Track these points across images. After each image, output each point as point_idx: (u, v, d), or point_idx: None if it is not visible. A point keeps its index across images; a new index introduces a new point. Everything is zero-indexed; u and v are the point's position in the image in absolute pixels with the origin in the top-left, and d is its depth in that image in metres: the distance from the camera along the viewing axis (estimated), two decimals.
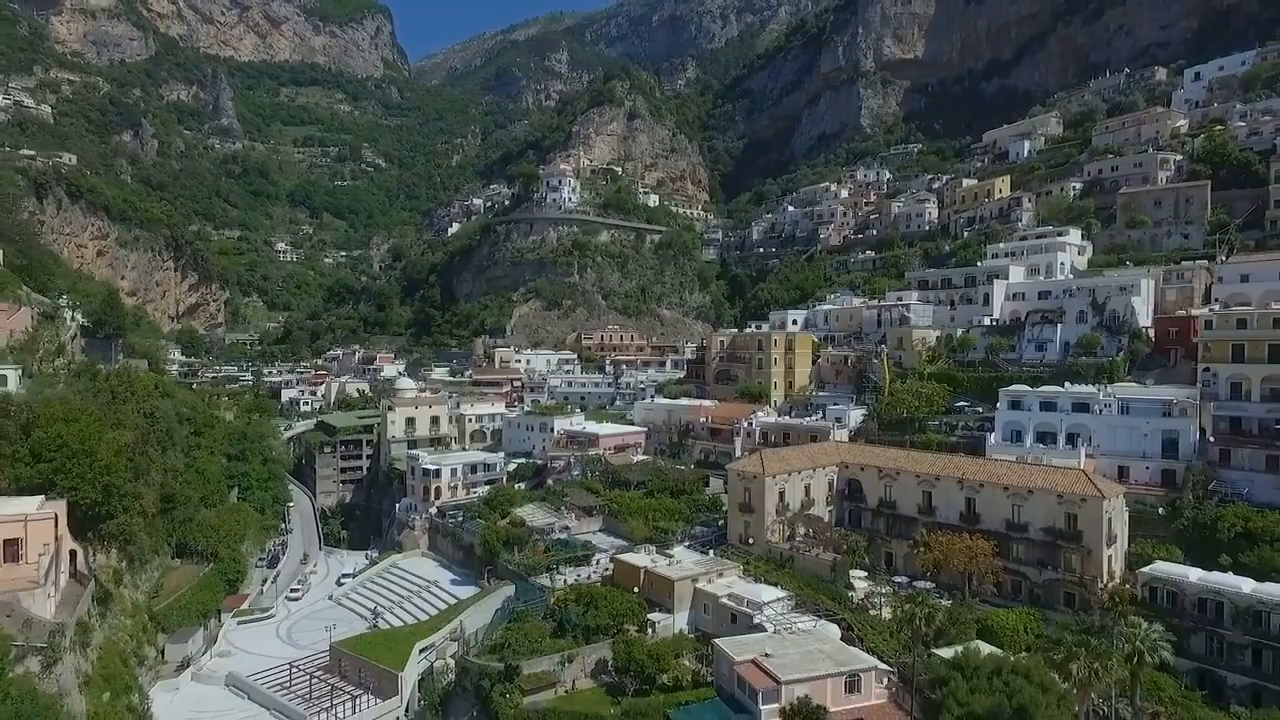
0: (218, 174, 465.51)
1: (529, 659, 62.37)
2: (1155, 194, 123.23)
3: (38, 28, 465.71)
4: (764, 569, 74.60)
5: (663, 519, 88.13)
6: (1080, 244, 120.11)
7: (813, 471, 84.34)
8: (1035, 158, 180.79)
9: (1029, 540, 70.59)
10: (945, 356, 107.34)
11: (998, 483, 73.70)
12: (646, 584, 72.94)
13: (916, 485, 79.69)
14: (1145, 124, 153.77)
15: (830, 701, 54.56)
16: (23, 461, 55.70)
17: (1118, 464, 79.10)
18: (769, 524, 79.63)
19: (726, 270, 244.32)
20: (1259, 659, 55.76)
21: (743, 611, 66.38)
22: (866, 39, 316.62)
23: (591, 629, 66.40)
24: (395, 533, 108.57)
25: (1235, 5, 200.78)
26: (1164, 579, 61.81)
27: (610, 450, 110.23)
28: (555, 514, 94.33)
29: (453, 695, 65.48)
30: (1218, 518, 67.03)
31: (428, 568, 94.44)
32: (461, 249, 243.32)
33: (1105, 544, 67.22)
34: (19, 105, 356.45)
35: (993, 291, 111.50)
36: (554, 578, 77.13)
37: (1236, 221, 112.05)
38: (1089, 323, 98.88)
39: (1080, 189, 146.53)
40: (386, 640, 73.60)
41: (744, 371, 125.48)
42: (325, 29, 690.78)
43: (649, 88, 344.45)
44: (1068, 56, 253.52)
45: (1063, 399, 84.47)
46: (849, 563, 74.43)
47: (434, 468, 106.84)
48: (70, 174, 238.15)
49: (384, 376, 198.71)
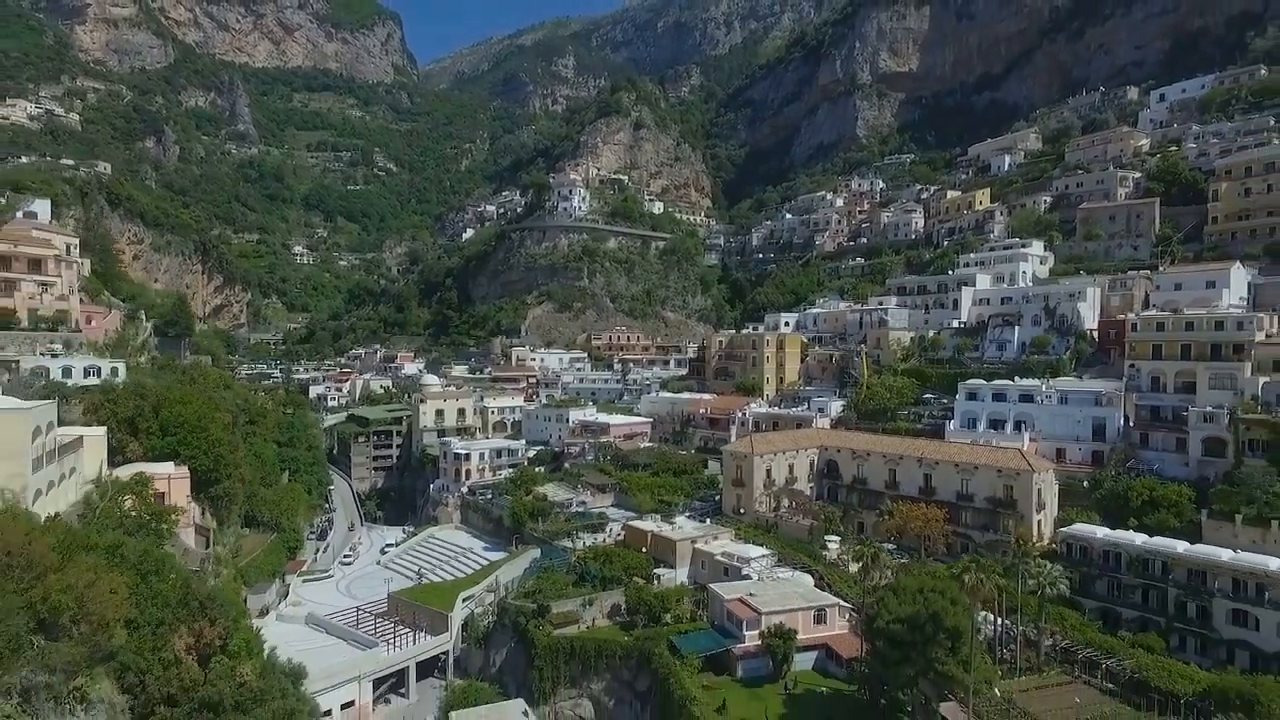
0: (236, 178, 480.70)
1: (557, 601, 76.01)
2: (1110, 209, 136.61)
3: (62, 37, 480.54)
4: (752, 533, 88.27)
5: (666, 494, 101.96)
6: (1043, 254, 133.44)
7: (796, 453, 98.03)
8: (1015, 171, 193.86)
9: (974, 508, 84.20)
10: (918, 355, 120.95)
11: (950, 461, 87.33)
12: (653, 545, 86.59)
13: (884, 464, 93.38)
14: (1111, 142, 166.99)
15: (801, 630, 68.25)
16: (155, 435, 69.48)
17: (1056, 446, 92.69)
18: (757, 496, 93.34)
19: (727, 274, 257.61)
20: (1146, 596, 69.24)
21: (733, 565, 79.91)
22: (863, 52, 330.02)
23: (607, 579, 79.85)
24: (430, 509, 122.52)
25: (1204, 28, 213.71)
26: (1077, 536, 75.31)
27: (620, 438, 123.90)
28: (573, 491, 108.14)
29: (493, 631, 79.18)
30: (1129, 488, 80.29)
31: (461, 538, 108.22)
32: (477, 254, 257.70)
33: (1035, 510, 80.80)
34: (50, 114, 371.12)
35: (961, 297, 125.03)
36: (574, 541, 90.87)
37: (1179, 235, 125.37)
38: (1042, 325, 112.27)
39: (1050, 202, 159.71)
40: (434, 591, 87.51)
41: (740, 368, 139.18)
42: (337, 35, 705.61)
43: (654, 98, 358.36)
44: (1053, 72, 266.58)
45: (1011, 391, 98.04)
46: (824, 528, 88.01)
47: (464, 452, 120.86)
48: (110, 182, 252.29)
49: (405, 374, 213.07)
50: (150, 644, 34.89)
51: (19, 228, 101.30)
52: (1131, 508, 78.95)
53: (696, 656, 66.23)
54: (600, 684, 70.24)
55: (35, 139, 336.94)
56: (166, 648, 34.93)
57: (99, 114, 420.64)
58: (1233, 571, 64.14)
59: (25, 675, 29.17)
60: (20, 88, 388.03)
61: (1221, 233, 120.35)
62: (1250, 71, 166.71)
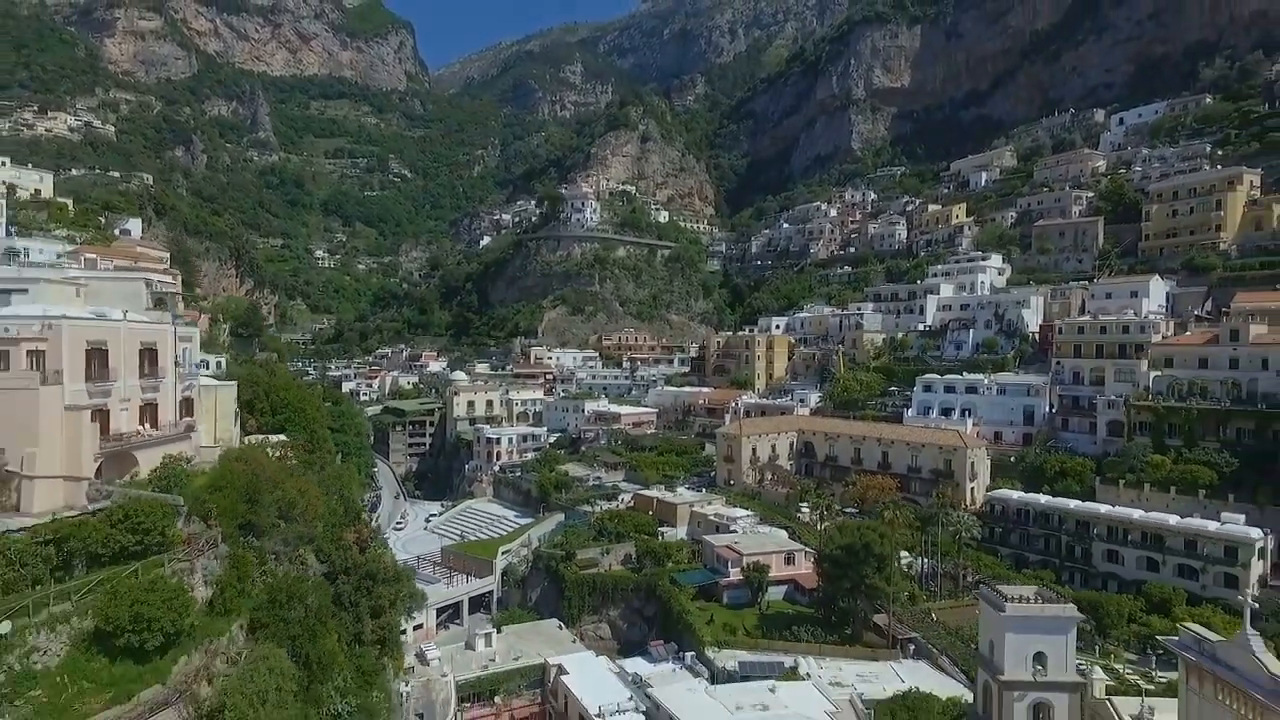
0: (259, 185, 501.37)
1: (580, 550, 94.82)
2: (1060, 226, 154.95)
3: (93, 49, 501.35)
4: (739, 500, 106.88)
5: (669, 470, 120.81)
6: (1000, 266, 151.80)
7: (778, 435, 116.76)
8: (990, 187, 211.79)
9: (921, 478, 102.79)
10: (888, 354, 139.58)
11: (903, 440, 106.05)
12: (658, 509, 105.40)
13: (850, 444, 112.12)
14: (1073, 163, 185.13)
15: (774, 569, 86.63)
16: (267, 414, 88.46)
17: (994, 430, 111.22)
18: (744, 470, 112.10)
19: (728, 280, 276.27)
20: (1047, 543, 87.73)
21: (723, 523, 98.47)
22: (858, 69, 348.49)
23: (620, 535, 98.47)
24: (466, 485, 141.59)
25: (1166, 54, 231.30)
26: (998, 498, 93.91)
27: (629, 425, 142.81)
28: (590, 469, 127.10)
29: (529, 575, 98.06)
30: (1045, 462, 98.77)
31: (495, 508, 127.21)
32: (496, 261, 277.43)
33: (969, 479, 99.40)
34: (89, 126, 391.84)
35: (927, 303, 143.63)
36: (593, 507, 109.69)
37: (1117, 250, 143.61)
38: (993, 329, 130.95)
39: (1015, 217, 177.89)
40: (477, 546, 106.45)
41: (735, 365, 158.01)
42: (352, 44, 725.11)
43: (660, 112, 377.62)
44: (1033, 90, 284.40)
45: (959, 384, 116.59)
46: (799, 496, 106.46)
47: (495, 437, 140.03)
48: (157, 194, 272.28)
49: (430, 371, 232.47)
50: (333, 535, 53.43)
51: (127, 245, 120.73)
52: (1046, 477, 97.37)
53: (691, 587, 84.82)
54: (616, 611, 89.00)
55: (78, 150, 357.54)
56: (342, 538, 53.49)
57: (131, 124, 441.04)
58: (1108, 521, 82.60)
59: (275, 542, 48.09)
60: (59, 100, 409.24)
61: (1152, 249, 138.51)
62: (1197, 100, 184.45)
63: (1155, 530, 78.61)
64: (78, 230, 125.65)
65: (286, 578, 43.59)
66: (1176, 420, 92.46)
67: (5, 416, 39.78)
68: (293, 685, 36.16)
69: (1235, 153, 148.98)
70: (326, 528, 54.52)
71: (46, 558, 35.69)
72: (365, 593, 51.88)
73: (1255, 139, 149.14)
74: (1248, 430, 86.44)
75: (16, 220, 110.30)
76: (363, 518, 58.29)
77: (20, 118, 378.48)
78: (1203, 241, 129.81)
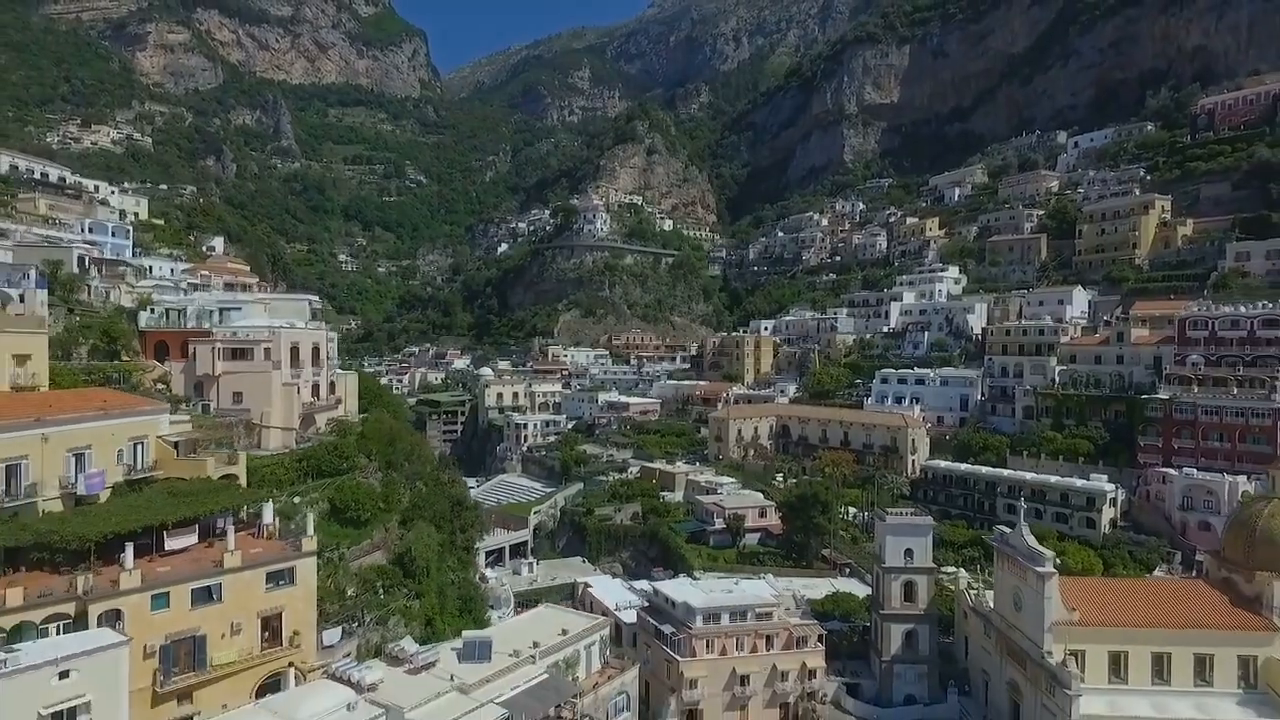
0: (284, 192, 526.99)
1: (599, 507, 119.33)
2: (1009, 241, 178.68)
3: (126, 63, 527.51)
4: (726, 470, 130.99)
5: (669, 448, 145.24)
6: (957, 276, 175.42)
7: (760, 419, 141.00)
8: (962, 202, 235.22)
9: (873, 453, 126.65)
10: (857, 352, 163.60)
11: (860, 423, 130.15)
12: (659, 478, 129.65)
13: (819, 426, 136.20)
14: (1030, 183, 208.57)
15: (750, 520, 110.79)
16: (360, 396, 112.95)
17: (937, 414, 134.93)
18: (731, 447, 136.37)
19: (727, 284, 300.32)
20: (965, 501, 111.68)
21: (711, 488, 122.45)
22: (850, 85, 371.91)
23: (629, 497, 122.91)
24: (498, 464, 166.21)
25: (1124, 81, 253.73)
26: (931, 467, 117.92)
27: (637, 413, 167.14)
28: (603, 448, 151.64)
29: (557, 529, 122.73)
30: (971, 439, 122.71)
31: (524, 481, 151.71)
32: (514, 267, 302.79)
33: (910, 454, 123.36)
34: (130, 139, 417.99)
35: (891, 309, 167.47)
36: (607, 477, 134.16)
37: (1055, 263, 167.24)
38: (944, 331, 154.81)
39: (978, 231, 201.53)
40: (514, 508, 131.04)
41: (728, 362, 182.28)
42: (368, 53, 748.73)
43: (665, 126, 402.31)
44: (1010, 109, 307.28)
45: (910, 377, 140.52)
46: (775, 468, 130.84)
47: (523, 422, 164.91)
48: (205, 205, 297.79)
49: (455, 368, 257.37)
50: (434, 473, 78.21)
51: (218, 262, 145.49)
52: (972, 451, 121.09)
53: (685, 533, 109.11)
54: (626, 553, 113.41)
55: (124, 163, 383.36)
56: (440, 476, 78.03)
57: (166, 135, 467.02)
58: (1008, 482, 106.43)
59: (406, 474, 72.62)
60: (100, 114, 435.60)
61: (1083, 262, 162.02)
62: (1140, 127, 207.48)
63: (1039, 487, 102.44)
64: (176, 248, 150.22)
65: (421, 491, 68.27)
66: (1072, 405, 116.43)
67: (251, 389, 64.51)
68: (437, 547, 60.80)
69: (1160, 179, 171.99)
70: (431, 469, 79.21)
71: (291, 469, 60.27)
72: (456, 514, 76.52)
73: (1177, 167, 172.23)
74: (1121, 412, 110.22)
75: (140, 243, 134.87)
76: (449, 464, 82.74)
77: (67, 131, 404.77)
78: (1122, 257, 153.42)
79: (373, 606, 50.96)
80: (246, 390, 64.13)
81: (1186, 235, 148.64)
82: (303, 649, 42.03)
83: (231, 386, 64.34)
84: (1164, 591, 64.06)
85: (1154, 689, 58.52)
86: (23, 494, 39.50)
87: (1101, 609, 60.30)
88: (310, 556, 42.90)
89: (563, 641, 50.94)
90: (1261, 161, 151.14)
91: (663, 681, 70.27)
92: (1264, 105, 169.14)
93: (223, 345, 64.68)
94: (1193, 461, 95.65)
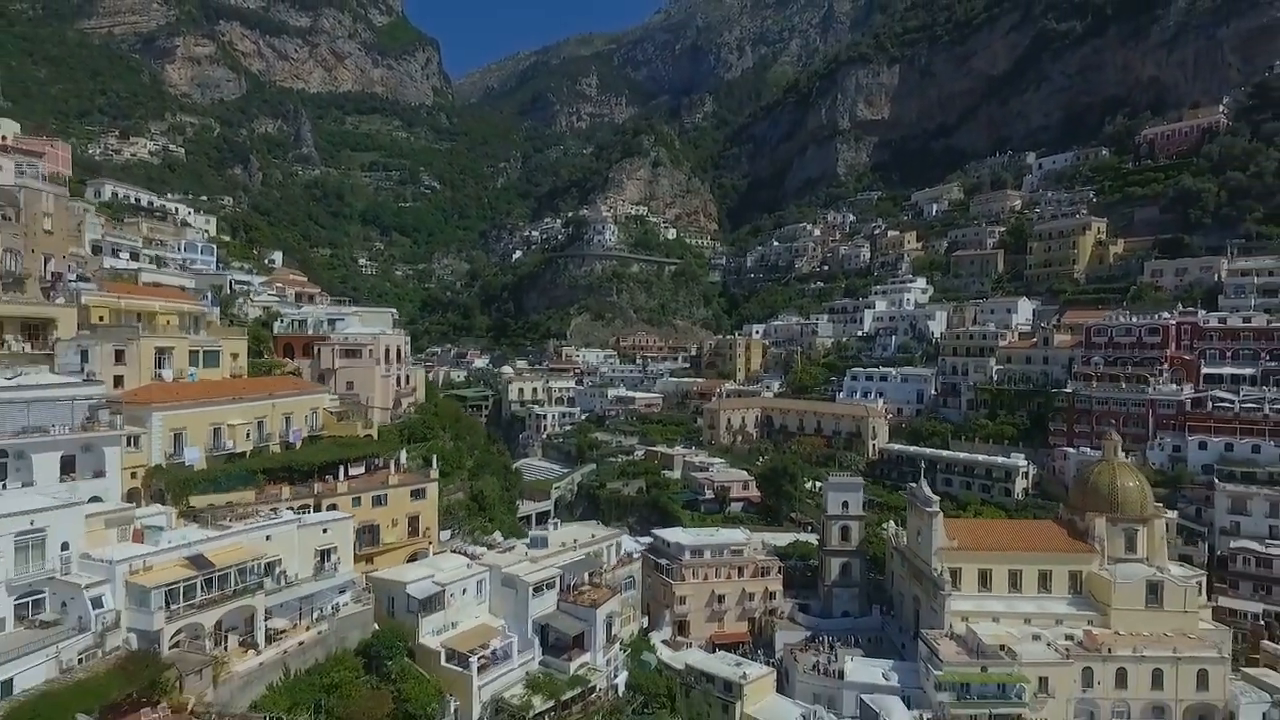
0: (306, 198, 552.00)
1: (610, 482, 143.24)
2: (970, 256, 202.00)
3: (155, 75, 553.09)
4: (717, 453, 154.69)
5: (670, 435, 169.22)
6: (924, 287, 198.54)
7: (747, 410, 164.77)
8: (938, 217, 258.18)
9: (842, 438, 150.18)
10: (834, 353, 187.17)
11: (831, 413, 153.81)
12: (661, 459, 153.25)
13: (797, 416, 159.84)
14: (996, 201, 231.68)
15: (734, 492, 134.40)
16: None
17: (898, 406, 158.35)
18: (722, 434, 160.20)
19: (726, 290, 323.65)
20: (914, 476, 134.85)
21: (704, 467, 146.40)
22: (844, 102, 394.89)
23: (635, 474, 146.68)
24: (521, 450, 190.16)
25: (1089, 105, 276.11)
26: (887, 450, 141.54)
27: (642, 406, 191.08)
28: (613, 435, 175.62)
29: (575, 500, 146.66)
30: (922, 427, 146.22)
31: (544, 464, 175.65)
32: (529, 274, 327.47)
33: (871, 439, 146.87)
34: (166, 150, 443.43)
35: (865, 316, 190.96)
36: (616, 459, 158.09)
37: (1009, 275, 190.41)
38: (909, 335, 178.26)
39: (948, 245, 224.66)
40: (538, 483, 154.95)
41: (722, 362, 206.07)
42: (383, 62, 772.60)
43: (670, 139, 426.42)
44: (990, 128, 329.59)
45: (875, 374, 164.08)
46: (758, 452, 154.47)
47: (543, 414, 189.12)
48: (244, 216, 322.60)
49: (475, 367, 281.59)
50: (485, 444, 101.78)
51: (282, 273, 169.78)
52: (923, 436, 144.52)
53: (681, 502, 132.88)
54: (633, 518, 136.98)
55: (163, 174, 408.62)
56: (490, 448, 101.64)
57: (196, 145, 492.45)
58: (947, 460, 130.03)
59: (467, 444, 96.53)
60: (136, 126, 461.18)
61: (1033, 275, 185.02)
62: (1096, 151, 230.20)
63: (970, 464, 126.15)
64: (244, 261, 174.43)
65: (480, 456, 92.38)
66: (1004, 398, 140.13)
67: (360, 379, 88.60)
68: (500, 491, 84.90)
69: (1105, 201, 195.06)
70: (484, 441, 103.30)
71: (396, 434, 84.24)
72: (505, 474, 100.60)
73: (1119, 190, 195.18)
74: (1041, 403, 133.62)
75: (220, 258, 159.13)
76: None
77: (106, 143, 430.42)
78: (1063, 271, 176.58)
79: (461, 523, 75.10)
80: (357, 380, 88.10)
81: (1118, 253, 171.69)
82: (431, 539, 66.09)
83: (345, 377, 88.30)
84: (1022, 528, 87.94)
85: (1010, 595, 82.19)
86: (263, 440, 63.49)
87: (974, 538, 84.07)
88: (434, 482, 67.02)
89: (593, 541, 75.48)
90: (1185, 189, 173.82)
91: (660, 601, 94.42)
92: (1194, 136, 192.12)
93: (339, 347, 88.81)
94: (1088, 443, 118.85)
